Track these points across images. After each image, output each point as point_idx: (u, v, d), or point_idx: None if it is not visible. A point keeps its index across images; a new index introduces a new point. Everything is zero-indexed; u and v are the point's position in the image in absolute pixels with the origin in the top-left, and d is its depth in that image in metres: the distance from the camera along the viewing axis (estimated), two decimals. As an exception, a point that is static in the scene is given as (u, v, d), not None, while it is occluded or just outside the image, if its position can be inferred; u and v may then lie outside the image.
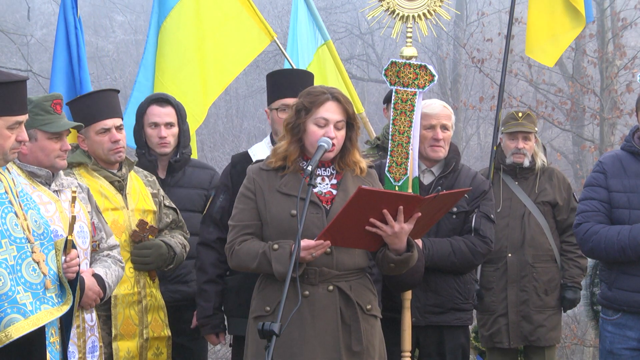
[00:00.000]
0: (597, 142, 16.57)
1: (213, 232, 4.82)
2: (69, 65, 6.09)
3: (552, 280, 6.25)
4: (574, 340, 13.53)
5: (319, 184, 4.15)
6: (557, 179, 6.35)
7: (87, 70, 6.22)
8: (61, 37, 6.15)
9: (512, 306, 6.20)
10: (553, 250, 6.27)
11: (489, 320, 6.26)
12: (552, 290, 6.24)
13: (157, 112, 5.37)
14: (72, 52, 6.10)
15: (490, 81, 16.60)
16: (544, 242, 6.25)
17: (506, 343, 6.21)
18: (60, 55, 6.11)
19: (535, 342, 6.20)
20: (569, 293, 6.25)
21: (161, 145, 5.35)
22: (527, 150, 6.29)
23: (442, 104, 5.05)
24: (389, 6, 4.97)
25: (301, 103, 4.14)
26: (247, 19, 6.61)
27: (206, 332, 4.85)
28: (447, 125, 4.95)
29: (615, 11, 16.43)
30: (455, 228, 4.92)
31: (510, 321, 6.19)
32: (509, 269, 6.23)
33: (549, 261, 6.26)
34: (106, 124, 4.71)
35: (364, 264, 4.19)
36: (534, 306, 6.19)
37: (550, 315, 6.23)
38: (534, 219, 6.25)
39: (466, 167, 5.09)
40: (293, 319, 3.84)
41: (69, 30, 6.11)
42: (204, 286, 4.81)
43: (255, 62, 19.32)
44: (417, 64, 4.82)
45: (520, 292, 6.20)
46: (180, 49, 6.55)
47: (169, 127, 5.36)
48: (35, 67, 17.72)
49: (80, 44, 6.17)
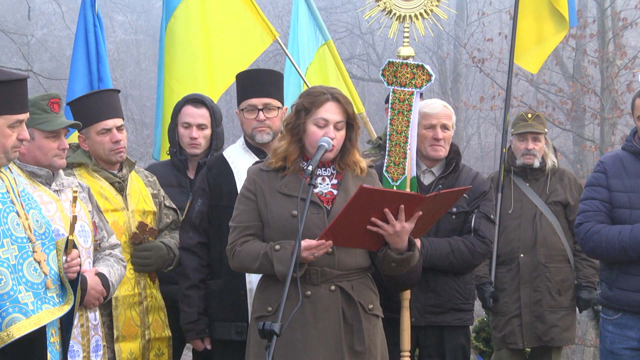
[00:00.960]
0: (597, 142, 16.57)
1: (193, 237, 4.79)
2: (86, 62, 6.11)
3: (566, 280, 6.23)
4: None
5: (320, 184, 4.15)
6: (568, 180, 6.34)
7: (108, 66, 6.24)
8: (80, 35, 6.18)
9: (525, 307, 6.16)
10: (566, 250, 6.24)
11: (501, 321, 6.22)
12: (565, 290, 6.22)
13: (190, 113, 5.38)
14: (90, 50, 6.12)
15: (490, 81, 16.60)
16: (557, 242, 6.23)
17: (520, 344, 6.16)
18: (79, 52, 6.14)
19: (549, 343, 6.15)
20: (584, 293, 6.23)
21: (192, 145, 5.35)
22: (537, 151, 6.27)
23: (443, 103, 5.05)
24: (385, 6, 4.98)
25: (301, 103, 4.14)
26: (249, 18, 6.62)
27: (191, 337, 4.79)
28: (448, 125, 4.95)
29: (616, 11, 16.43)
30: (455, 228, 4.92)
31: (524, 322, 6.15)
32: (522, 269, 6.20)
33: (561, 261, 6.24)
34: (107, 124, 4.70)
35: (365, 264, 4.19)
36: (548, 306, 6.15)
37: (564, 316, 6.20)
38: (545, 220, 6.23)
39: (467, 167, 5.09)
40: (295, 319, 3.84)
41: (88, 28, 6.14)
42: (187, 292, 4.76)
43: (256, 62, 19.27)
44: (414, 64, 4.82)
45: (533, 293, 6.17)
46: (185, 48, 6.57)
47: (202, 128, 5.37)
48: (36, 67, 17.72)
49: (100, 41, 6.19)
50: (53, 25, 22.43)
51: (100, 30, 6.23)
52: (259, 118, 4.76)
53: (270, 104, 4.79)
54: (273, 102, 4.80)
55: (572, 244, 6.25)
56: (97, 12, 6.26)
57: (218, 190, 4.73)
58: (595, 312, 6.94)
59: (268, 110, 4.78)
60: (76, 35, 6.26)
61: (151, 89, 20.00)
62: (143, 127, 20.73)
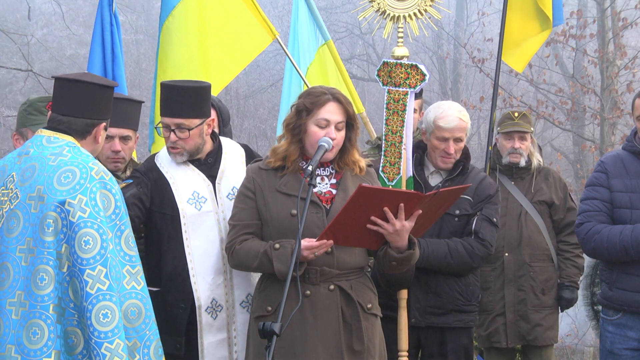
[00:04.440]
0: (597, 142, 16.55)
1: None
2: (102, 62, 6.11)
3: (549, 279, 6.25)
4: (574, 340, 13.52)
5: (319, 184, 4.15)
6: (553, 179, 6.36)
7: (122, 66, 6.23)
8: (97, 34, 6.18)
9: (509, 305, 6.20)
10: (550, 250, 6.27)
11: (486, 320, 6.26)
12: (549, 290, 6.25)
13: None
14: (106, 49, 6.12)
15: (490, 81, 16.57)
16: (541, 242, 6.25)
17: (504, 343, 6.20)
18: (95, 51, 6.14)
19: (533, 342, 6.20)
20: (566, 292, 6.26)
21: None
22: (523, 150, 6.29)
23: (459, 115, 4.90)
24: (379, 7, 4.98)
25: (302, 104, 4.14)
26: (249, 17, 6.60)
27: None
28: (462, 137, 4.92)
29: (616, 11, 16.41)
30: (457, 230, 4.91)
31: (508, 320, 6.19)
32: (506, 268, 6.23)
33: (545, 260, 6.26)
34: (110, 131, 4.62)
35: (364, 263, 4.19)
36: (531, 305, 6.19)
37: (548, 315, 6.23)
38: (530, 219, 6.25)
39: (476, 170, 5.07)
40: (295, 319, 3.84)
41: (104, 27, 6.14)
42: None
43: (255, 62, 19.32)
44: (408, 64, 4.83)
45: (517, 292, 6.20)
46: (182, 48, 6.55)
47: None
48: (36, 67, 17.70)
49: (115, 40, 6.19)
50: (53, 25, 22.42)
51: (117, 30, 6.23)
52: (171, 139, 4.40)
53: (183, 124, 4.37)
54: (186, 122, 4.37)
55: (556, 244, 6.27)
56: (115, 11, 6.26)
57: (160, 196, 4.43)
58: (595, 312, 6.94)
59: (181, 130, 4.37)
60: (93, 35, 6.26)
61: (151, 89, 19.97)
62: (143, 127, 20.69)
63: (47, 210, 3.45)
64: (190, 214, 4.37)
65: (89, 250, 3.40)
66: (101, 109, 3.67)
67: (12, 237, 3.47)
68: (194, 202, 4.38)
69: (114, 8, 6.26)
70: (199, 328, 4.34)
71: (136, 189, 4.41)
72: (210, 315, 4.36)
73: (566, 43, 16.26)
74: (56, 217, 3.45)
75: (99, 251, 3.41)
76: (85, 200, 3.46)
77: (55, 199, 3.46)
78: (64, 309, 3.42)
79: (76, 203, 3.45)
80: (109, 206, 3.52)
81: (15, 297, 3.42)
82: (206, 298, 4.34)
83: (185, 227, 4.37)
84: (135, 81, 22.98)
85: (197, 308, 4.35)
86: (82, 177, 3.50)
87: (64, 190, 3.47)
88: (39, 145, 3.61)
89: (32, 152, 3.61)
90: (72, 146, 3.61)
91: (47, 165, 3.54)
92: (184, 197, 4.40)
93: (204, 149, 4.49)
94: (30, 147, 3.63)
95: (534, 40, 7.13)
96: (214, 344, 4.35)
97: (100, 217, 3.45)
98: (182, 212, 4.38)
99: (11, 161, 3.65)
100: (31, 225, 3.46)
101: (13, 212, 3.50)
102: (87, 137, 3.68)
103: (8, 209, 3.52)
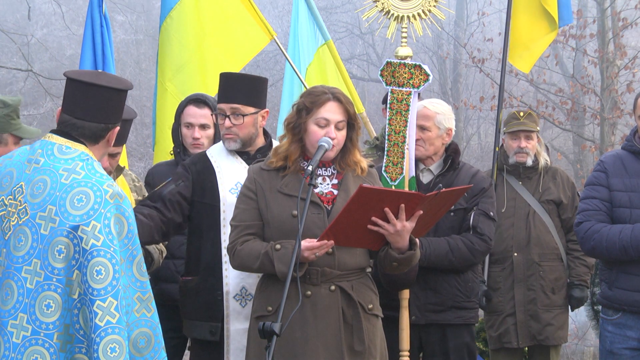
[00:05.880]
0: (597, 142, 16.56)
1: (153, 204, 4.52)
2: (93, 63, 6.12)
3: (559, 278, 6.23)
4: (574, 340, 13.53)
5: (320, 184, 4.15)
6: (561, 178, 6.34)
7: (113, 67, 6.24)
8: (88, 35, 6.18)
9: (519, 305, 6.17)
10: (559, 249, 6.25)
11: (496, 320, 6.23)
12: (559, 289, 6.23)
13: (192, 113, 5.35)
14: (97, 50, 6.12)
15: (490, 81, 16.60)
16: (550, 241, 6.24)
17: (515, 343, 6.17)
18: (86, 53, 6.14)
19: (544, 341, 6.16)
20: (576, 291, 6.23)
21: (194, 145, 5.31)
22: (530, 150, 6.28)
23: (423, 104, 5.02)
24: (383, 7, 4.99)
25: (302, 103, 4.14)
26: (247, 17, 6.61)
27: None
28: (425, 125, 4.95)
29: (616, 11, 16.42)
30: (454, 226, 4.92)
31: (519, 320, 6.16)
32: (516, 268, 6.21)
33: (555, 260, 6.24)
34: None
35: (364, 264, 4.19)
36: (542, 305, 6.16)
37: (558, 314, 6.20)
38: (539, 218, 6.24)
39: (467, 165, 5.08)
40: (295, 319, 3.84)
41: (95, 28, 6.14)
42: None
43: (255, 62, 19.33)
44: (411, 64, 4.84)
45: (527, 291, 6.18)
46: (180, 48, 6.56)
47: (204, 128, 5.33)
48: (36, 67, 17.72)
49: (106, 41, 6.18)
50: (53, 25, 22.42)
51: (107, 30, 6.22)
52: (226, 125, 4.55)
53: (238, 109, 4.53)
54: (241, 108, 4.53)
55: (565, 243, 6.27)
56: (105, 12, 6.25)
57: (201, 187, 4.57)
58: (595, 312, 6.95)
59: (235, 116, 4.53)
60: (84, 36, 6.26)
61: (151, 89, 19.95)
62: (143, 127, 20.71)
63: (59, 235, 3.32)
64: (230, 202, 4.42)
65: (101, 281, 3.29)
66: (117, 113, 3.54)
67: (19, 255, 3.34)
68: (236, 192, 4.42)
69: (104, 9, 6.25)
70: (226, 314, 4.40)
71: (174, 185, 4.52)
72: (239, 303, 4.43)
73: (566, 43, 16.28)
74: (68, 243, 3.31)
75: (111, 282, 3.30)
76: (100, 228, 3.32)
77: (68, 224, 3.32)
78: (72, 336, 3.32)
79: (90, 230, 3.31)
80: (121, 231, 3.39)
81: (17, 320, 3.31)
82: (235, 285, 4.41)
83: (224, 215, 4.47)
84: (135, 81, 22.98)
85: (224, 294, 4.42)
86: (96, 202, 3.35)
87: (77, 215, 3.33)
88: (49, 155, 3.44)
89: (42, 162, 3.43)
90: (85, 160, 3.45)
91: (59, 183, 3.37)
92: (227, 186, 4.51)
93: (256, 142, 4.60)
94: (40, 156, 3.45)
95: (543, 41, 7.13)
96: (240, 331, 4.38)
97: (113, 245, 3.32)
98: (223, 200, 4.48)
99: (19, 167, 3.48)
100: (40, 247, 3.33)
101: (21, 228, 3.37)
102: (100, 142, 3.55)
103: (16, 224, 3.38)
